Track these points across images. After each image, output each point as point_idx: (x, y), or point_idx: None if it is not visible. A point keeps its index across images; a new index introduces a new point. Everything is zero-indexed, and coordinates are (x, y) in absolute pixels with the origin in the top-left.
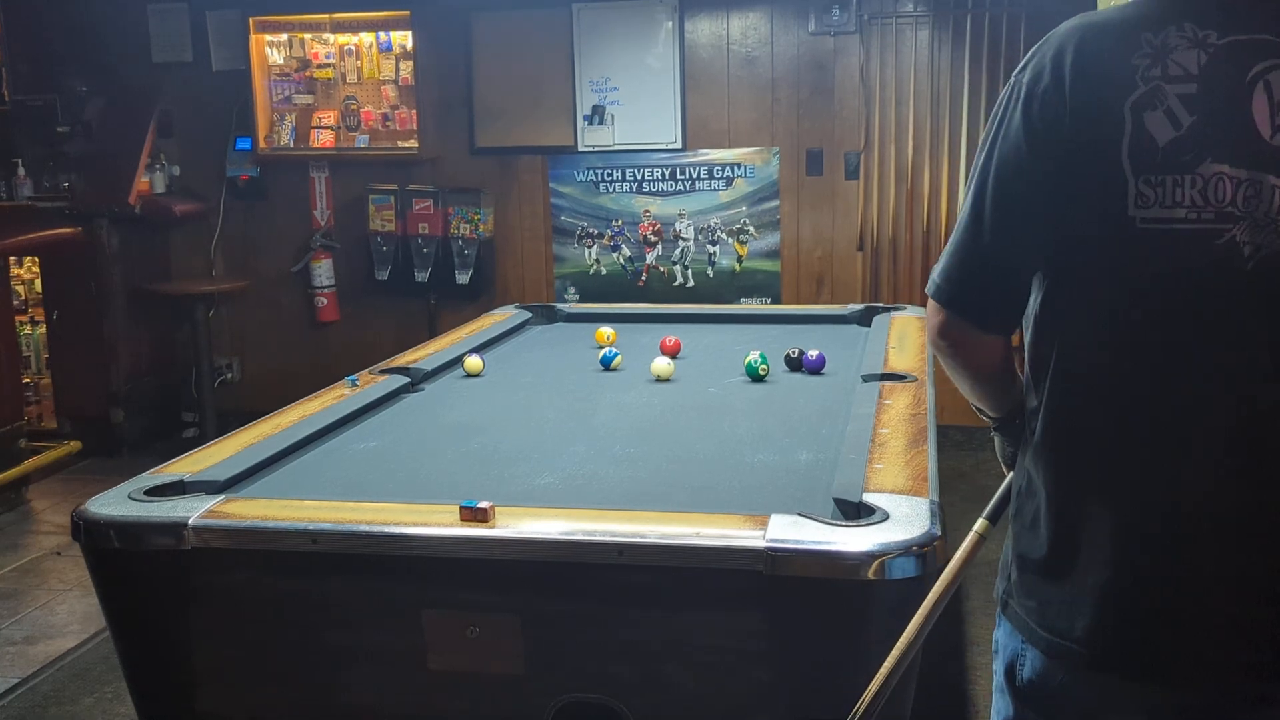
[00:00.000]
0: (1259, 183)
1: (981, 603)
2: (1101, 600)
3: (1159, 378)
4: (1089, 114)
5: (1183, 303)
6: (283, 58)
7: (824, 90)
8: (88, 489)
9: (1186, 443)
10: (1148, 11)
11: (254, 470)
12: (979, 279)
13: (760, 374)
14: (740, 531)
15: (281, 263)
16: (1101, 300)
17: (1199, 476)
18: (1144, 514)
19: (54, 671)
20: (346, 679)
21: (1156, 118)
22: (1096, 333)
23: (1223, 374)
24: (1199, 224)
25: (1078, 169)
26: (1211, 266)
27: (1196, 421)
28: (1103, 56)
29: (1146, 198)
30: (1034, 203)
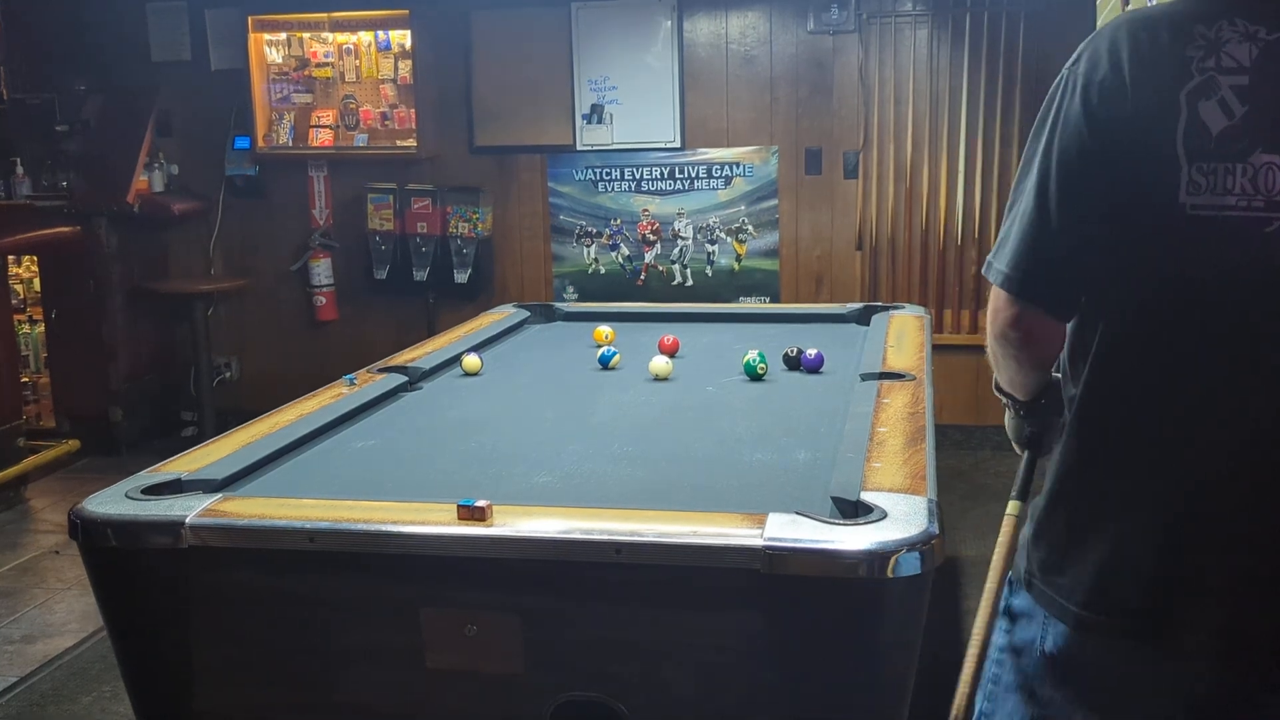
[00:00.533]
0: None
1: (979, 602)
2: (1135, 572)
3: (1207, 356)
4: (1148, 100)
5: (1228, 292)
6: (281, 57)
7: (823, 89)
8: (86, 488)
9: (1224, 428)
10: (1197, 7)
11: (252, 469)
12: (1051, 267)
13: (759, 373)
14: (738, 530)
15: (280, 262)
16: (1147, 288)
17: (1229, 460)
18: (1178, 495)
19: (52, 670)
20: (344, 678)
21: (1210, 107)
22: (1139, 320)
23: (1265, 363)
24: (1248, 211)
25: (1135, 154)
26: (1259, 254)
27: (1236, 407)
28: (1158, 46)
29: (1198, 185)
30: (1098, 188)
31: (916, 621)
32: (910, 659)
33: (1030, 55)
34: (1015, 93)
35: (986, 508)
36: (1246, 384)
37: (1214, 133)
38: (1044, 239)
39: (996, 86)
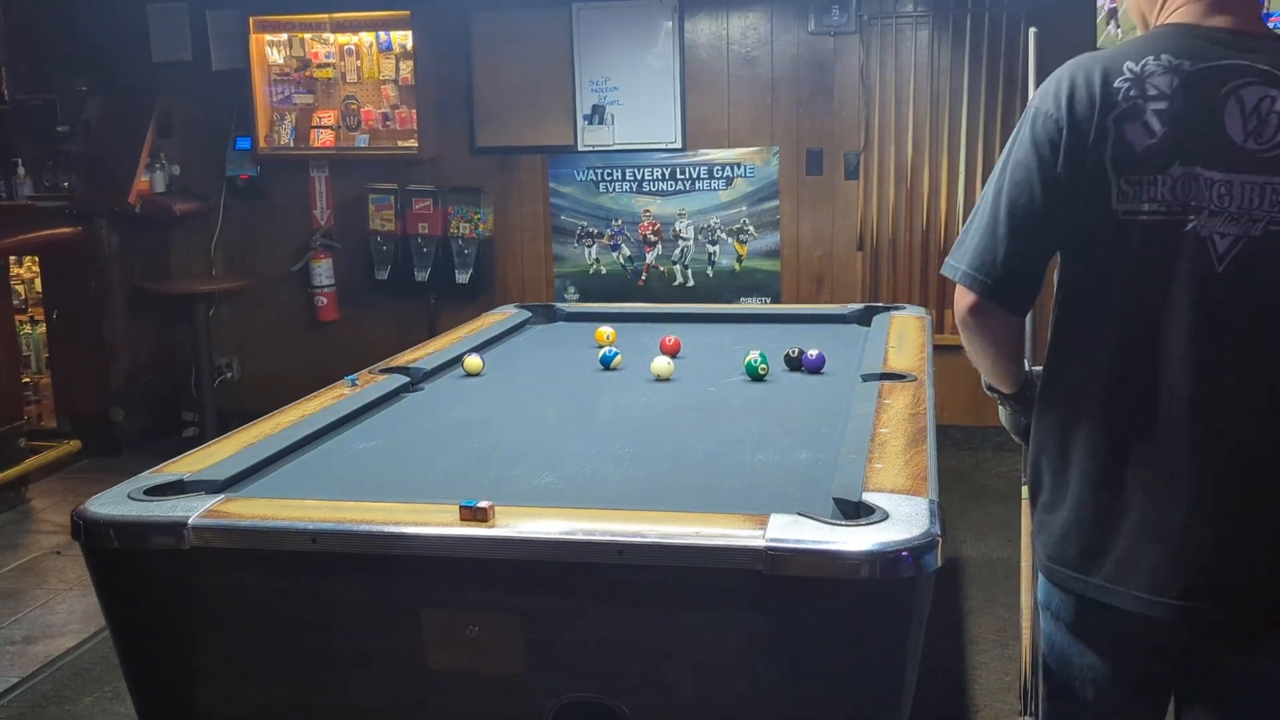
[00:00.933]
0: (1227, 183)
1: (980, 601)
2: (1126, 534)
3: (1138, 338)
4: (1081, 128)
5: (1155, 282)
6: (283, 57)
7: (824, 90)
8: (87, 488)
9: (1150, 390)
10: (1133, 47)
11: (253, 470)
12: (1001, 269)
13: (760, 373)
14: (740, 531)
15: (281, 262)
16: (1096, 283)
17: (1159, 419)
18: (1114, 457)
19: (54, 671)
20: (346, 678)
21: (1135, 128)
22: (1092, 301)
23: (1191, 340)
24: (1169, 215)
25: (1074, 173)
26: (1178, 249)
27: (1161, 372)
28: (1092, 82)
29: (1125, 194)
30: (1040, 203)
31: (918, 622)
32: (912, 659)
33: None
34: (1016, 94)
35: (987, 508)
36: (1173, 353)
37: (1137, 150)
38: (994, 246)
39: (997, 88)
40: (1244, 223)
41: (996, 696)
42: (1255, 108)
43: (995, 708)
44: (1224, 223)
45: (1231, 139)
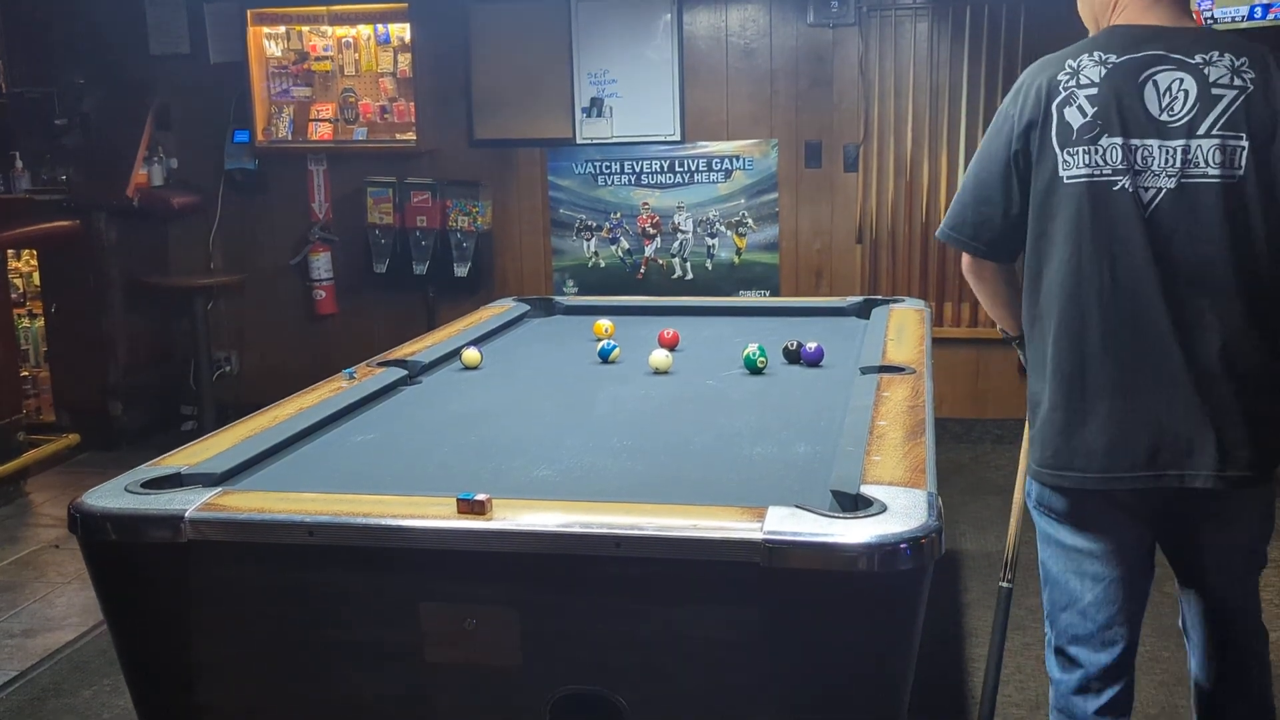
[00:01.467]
0: (1145, 147)
1: (979, 595)
2: (1108, 430)
3: (1090, 274)
4: (1030, 114)
5: (1098, 227)
6: (280, 50)
7: (823, 82)
8: (86, 482)
9: (1121, 312)
10: (1077, 48)
11: (251, 463)
12: (970, 226)
13: (758, 366)
14: (738, 524)
15: (280, 256)
16: (1055, 234)
17: (1128, 334)
18: (1106, 369)
19: (52, 664)
20: (344, 671)
21: (1072, 111)
22: (1053, 250)
23: (1140, 271)
24: (1098, 178)
25: (1030, 152)
26: (1111, 202)
27: (1126, 302)
28: (1040, 82)
29: (1068, 163)
30: (999, 175)
31: (916, 614)
32: (910, 651)
33: (1030, 48)
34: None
35: (986, 500)
36: (1111, 277)
37: (1074, 128)
38: (966, 211)
39: (996, 80)
40: (1161, 177)
41: None
42: (1168, 88)
43: None
44: (1146, 179)
45: (1150, 113)
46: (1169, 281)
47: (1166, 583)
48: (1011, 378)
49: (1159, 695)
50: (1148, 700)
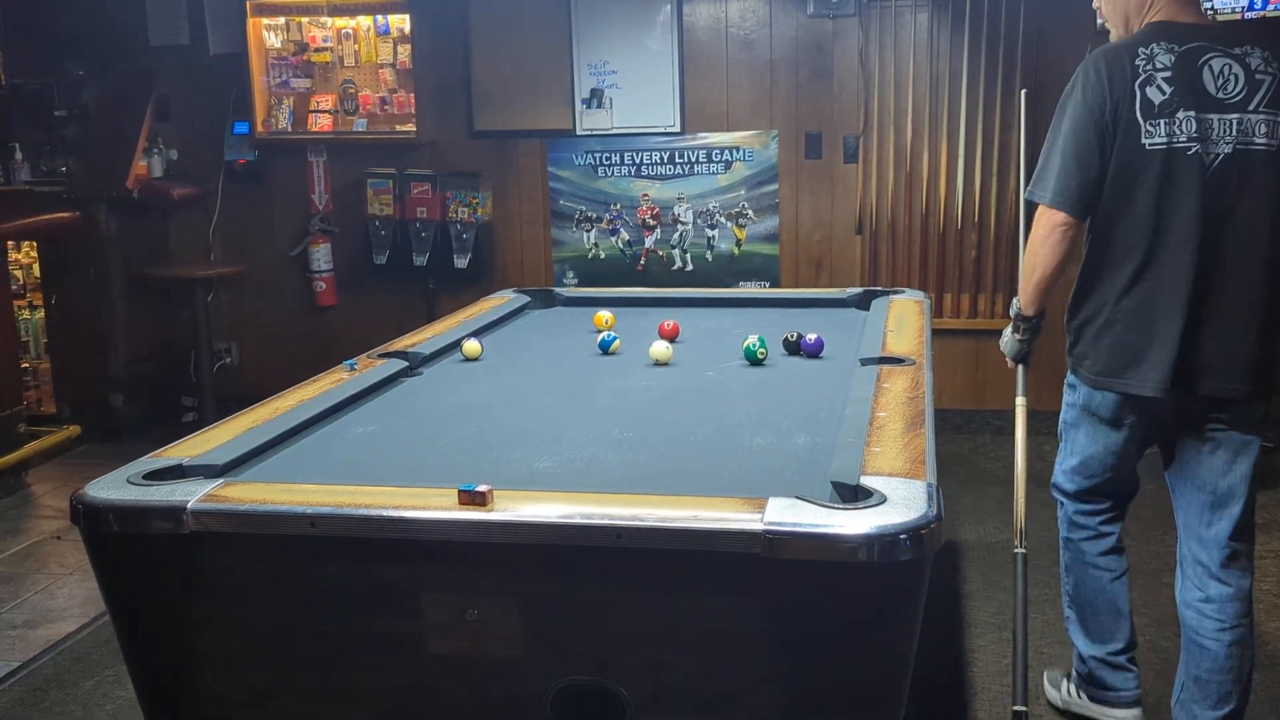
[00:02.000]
0: (1209, 120)
1: (979, 585)
2: (1150, 352)
3: (1152, 227)
4: (1116, 92)
5: (1169, 188)
6: (280, 41)
7: (823, 73)
8: (87, 473)
9: (1172, 257)
10: (1139, 39)
11: (253, 454)
12: (1076, 192)
13: (758, 358)
14: (738, 514)
15: (280, 247)
16: (1137, 192)
17: (1181, 274)
18: (1153, 301)
19: (54, 655)
20: (345, 662)
21: (1152, 90)
22: (1131, 207)
23: (1195, 222)
24: (1177, 144)
25: (1115, 121)
26: (1187, 165)
27: (1184, 249)
28: (1120, 62)
29: (1150, 133)
30: (1095, 143)
31: (915, 605)
32: (909, 642)
33: (1030, 39)
34: (1015, 77)
35: (986, 491)
36: (1180, 227)
37: (1155, 104)
38: (1067, 174)
39: (996, 71)
40: (1220, 144)
41: (994, 679)
42: (1220, 72)
43: (993, 690)
44: (1209, 145)
45: (1209, 92)
46: (1217, 230)
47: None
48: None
49: (1158, 685)
50: (1147, 690)
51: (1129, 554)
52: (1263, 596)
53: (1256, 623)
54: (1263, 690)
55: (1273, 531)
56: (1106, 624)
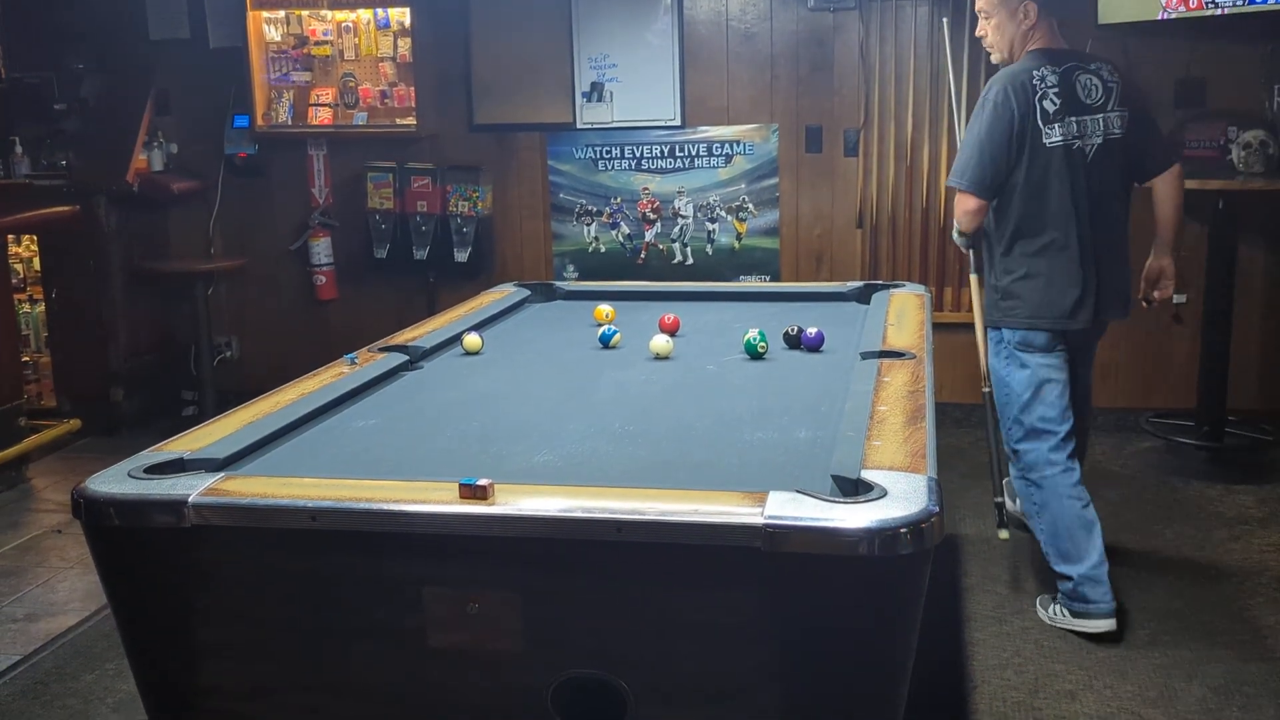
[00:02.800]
0: (1084, 120)
1: (978, 579)
2: (1082, 295)
3: (1058, 204)
4: (1022, 107)
5: (1064, 174)
6: (280, 35)
7: (823, 67)
8: (87, 467)
9: (1083, 231)
10: (1032, 64)
11: (254, 448)
12: (989, 180)
13: (759, 351)
14: (739, 508)
15: (280, 241)
16: (1036, 178)
17: (1089, 242)
18: (1073, 259)
19: (55, 649)
20: (346, 655)
21: (1047, 102)
22: (1040, 191)
23: (1085, 197)
24: (1067, 141)
25: (1023, 128)
26: (1074, 156)
27: (1091, 226)
28: (1022, 83)
29: (1048, 134)
30: (1003, 146)
31: (916, 598)
32: (910, 635)
33: None
34: None
35: (986, 485)
36: (1073, 203)
37: (1050, 113)
38: (982, 170)
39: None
40: (1093, 138)
41: (994, 672)
42: (1085, 84)
43: (994, 683)
44: (1086, 140)
45: (1081, 100)
46: (1095, 202)
47: (1166, 567)
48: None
49: (1158, 678)
50: (1146, 683)
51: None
52: (1261, 590)
53: (1255, 616)
54: (1262, 684)
55: (1270, 525)
56: (1083, 544)
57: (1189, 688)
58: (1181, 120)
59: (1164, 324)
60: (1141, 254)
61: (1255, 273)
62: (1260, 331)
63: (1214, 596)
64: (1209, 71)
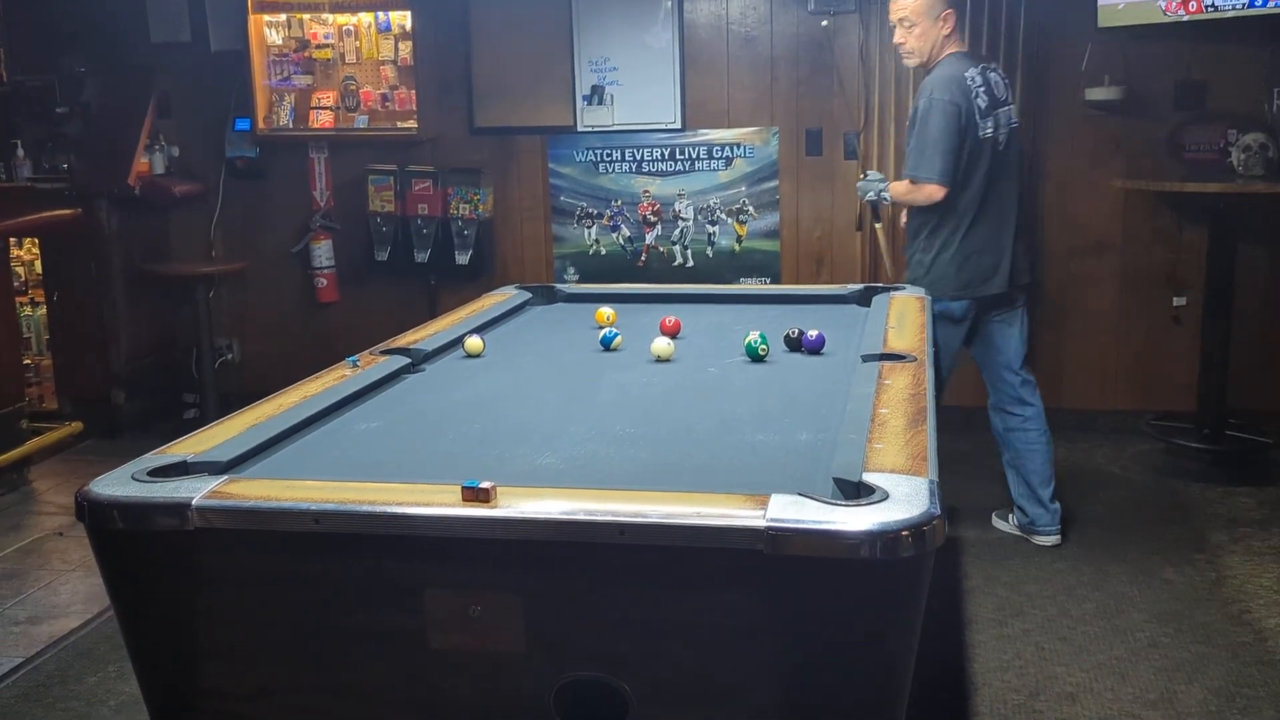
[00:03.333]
0: (998, 114)
1: (980, 581)
2: (1002, 264)
3: (980, 188)
4: (964, 105)
5: (988, 161)
6: (281, 38)
7: (823, 70)
8: (89, 470)
9: (996, 210)
10: (960, 66)
11: (257, 451)
12: (951, 171)
13: (760, 354)
14: (741, 511)
15: (281, 244)
16: (968, 165)
17: (1001, 220)
18: (990, 234)
19: (58, 651)
20: (349, 658)
21: (979, 99)
22: (972, 176)
23: (999, 180)
24: (993, 133)
25: (968, 124)
26: (994, 145)
27: (1002, 205)
28: (963, 84)
29: (982, 127)
30: (956, 139)
31: (917, 601)
32: (911, 638)
33: (1030, 34)
34: (1016, 72)
35: (988, 489)
36: (998, 186)
37: (982, 108)
38: (946, 160)
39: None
40: (1004, 129)
41: (995, 675)
42: (994, 81)
43: (994, 686)
44: (999, 131)
45: (996, 96)
46: (1004, 184)
47: (1166, 569)
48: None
49: (1158, 681)
50: (1146, 685)
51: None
52: (1262, 592)
53: (1256, 619)
54: (1262, 687)
55: (1270, 527)
56: (1041, 472)
57: (1189, 690)
58: (1181, 123)
59: (1164, 326)
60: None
61: (1255, 275)
62: (1260, 334)
63: (1214, 599)
64: (1209, 74)
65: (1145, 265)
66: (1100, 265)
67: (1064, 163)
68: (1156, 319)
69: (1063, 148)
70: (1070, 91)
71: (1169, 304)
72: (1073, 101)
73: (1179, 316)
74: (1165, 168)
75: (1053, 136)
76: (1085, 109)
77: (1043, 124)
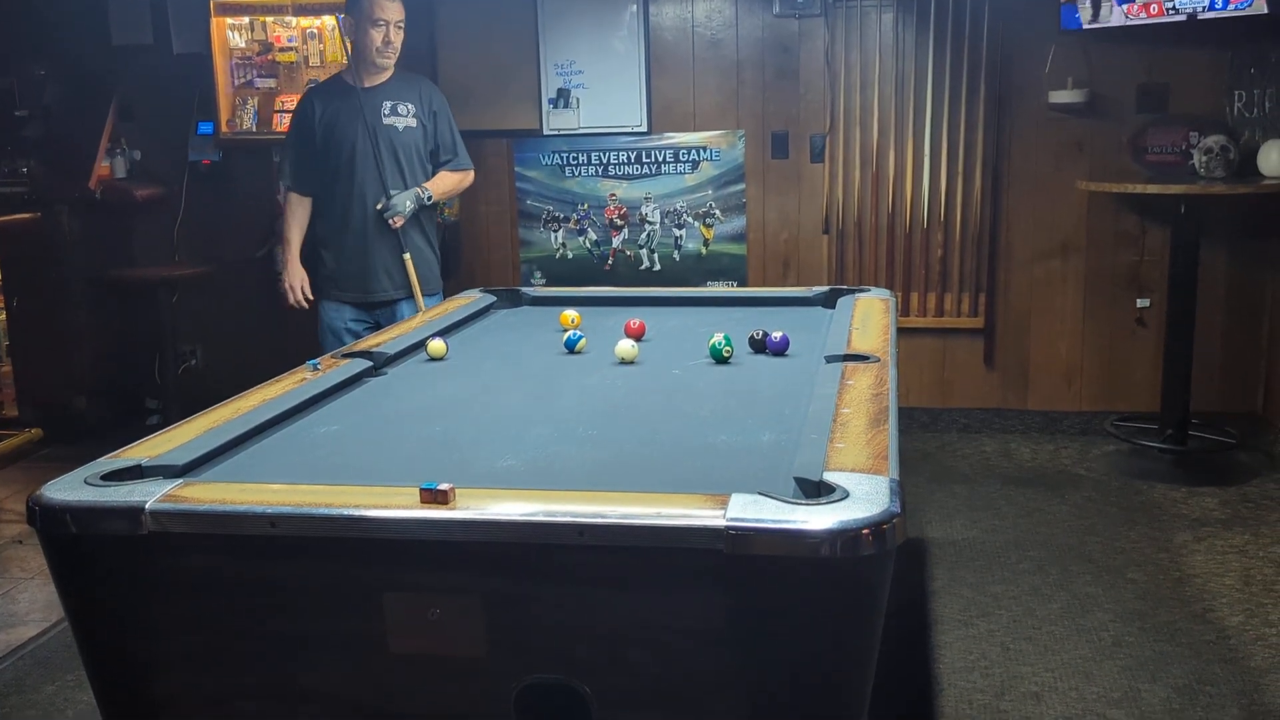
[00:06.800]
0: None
1: (945, 582)
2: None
3: (349, 188)
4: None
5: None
6: (244, 41)
7: (789, 73)
8: (49, 477)
9: (352, 201)
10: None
11: (214, 454)
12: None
13: (724, 356)
14: (701, 511)
15: (245, 248)
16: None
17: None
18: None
19: (15, 660)
20: (307, 662)
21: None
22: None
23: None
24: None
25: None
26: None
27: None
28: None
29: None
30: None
31: (879, 600)
32: (873, 637)
33: (994, 38)
34: (980, 76)
35: (952, 489)
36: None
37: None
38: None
39: (961, 70)
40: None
41: (960, 675)
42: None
43: (960, 686)
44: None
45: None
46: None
47: (1130, 569)
48: (977, 368)
49: (1123, 679)
50: (1111, 684)
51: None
52: (1224, 591)
53: (1219, 617)
54: (1225, 684)
55: (1232, 527)
56: None
57: (1153, 689)
58: (1144, 125)
59: (1128, 328)
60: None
61: (1217, 276)
62: (1222, 335)
63: (1178, 598)
64: (1171, 77)
65: (1109, 267)
66: (1065, 267)
67: (1028, 165)
68: (1121, 320)
69: (1027, 150)
70: (1034, 94)
71: (1133, 305)
72: (1036, 104)
73: (1143, 318)
74: (1128, 170)
75: (1017, 139)
76: (1049, 111)
77: (1007, 126)
